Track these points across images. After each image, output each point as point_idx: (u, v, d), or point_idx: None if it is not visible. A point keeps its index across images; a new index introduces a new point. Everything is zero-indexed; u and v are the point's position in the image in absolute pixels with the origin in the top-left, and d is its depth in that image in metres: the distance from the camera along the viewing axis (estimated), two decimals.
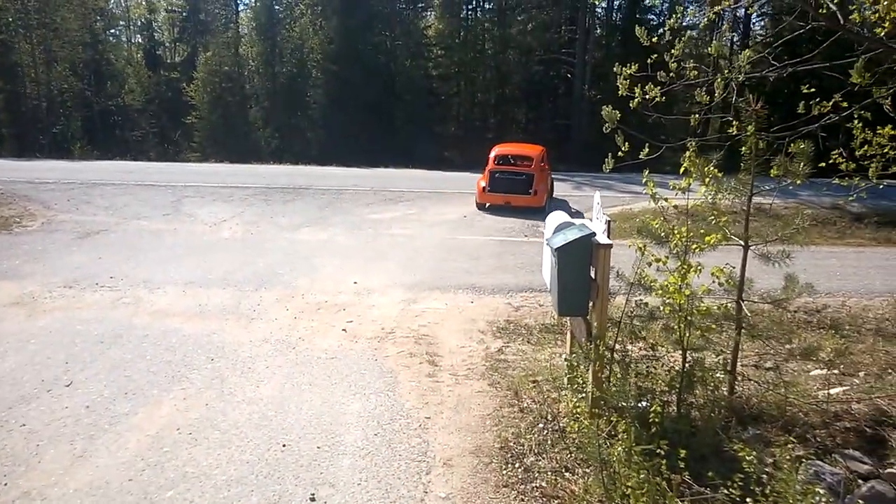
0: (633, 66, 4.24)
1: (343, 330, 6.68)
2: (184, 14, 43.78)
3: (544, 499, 3.75)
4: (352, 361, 5.86)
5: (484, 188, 14.32)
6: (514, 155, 15.27)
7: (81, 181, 16.56)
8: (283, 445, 4.36)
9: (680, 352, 4.33)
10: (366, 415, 4.81)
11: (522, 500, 3.76)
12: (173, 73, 41.82)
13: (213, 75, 35.99)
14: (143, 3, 46.39)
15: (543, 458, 4.17)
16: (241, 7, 44.33)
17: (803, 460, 3.92)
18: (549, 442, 4.34)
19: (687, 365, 4.27)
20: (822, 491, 3.37)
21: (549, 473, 3.98)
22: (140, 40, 47.14)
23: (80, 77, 38.84)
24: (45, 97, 38.08)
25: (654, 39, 4.29)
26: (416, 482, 3.95)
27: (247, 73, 38.38)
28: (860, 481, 3.83)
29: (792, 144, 3.89)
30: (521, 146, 17.57)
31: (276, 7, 38.75)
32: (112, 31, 46.54)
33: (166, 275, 8.69)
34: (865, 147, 4.44)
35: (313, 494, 3.80)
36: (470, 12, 36.87)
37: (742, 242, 4.38)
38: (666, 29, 4.31)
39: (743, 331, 4.52)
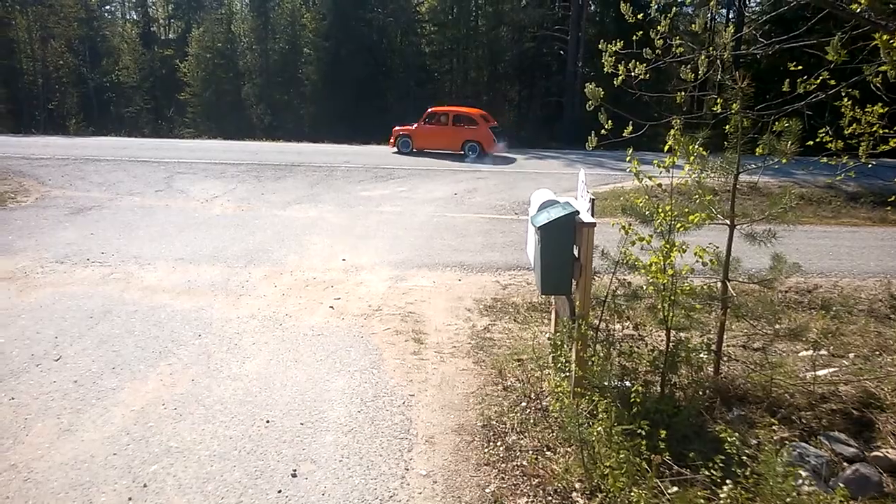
0: (618, 44, 4.18)
1: (330, 307, 6.68)
2: None
3: (524, 477, 3.76)
4: (338, 339, 5.86)
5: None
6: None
7: (76, 157, 16.46)
8: (267, 421, 4.36)
9: (664, 331, 4.33)
10: (350, 392, 4.82)
11: (503, 478, 3.78)
12: (167, 50, 41.51)
13: (206, 52, 35.73)
14: None
15: (525, 437, 4.18)
16: None
17: (787, 442, 3.93)
18: (532, 421, 4.36)
19: (671, 345, 4.27)
20: (804, 473, 3.38)
21: (531, 452, 3.99)
22: (135, 17, 46.57)
23: (75, 54, 38.62)
24: (40, 73, 37.84)
25: (641, 16, 4.22)
26: (398, 459, 3.96)
27: (240, 49, 38.02)
28: (845, 464, 3.83)
29: (777, 123, 3.85)
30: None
31: None
32: (107, 7, 46.12)
33: (157, 251, 8.66)
34: (854, 126, 4.40)
35: (295, 470, 3.81)
36: None
37: (728, 222, 4.36)
38: (652, 6, 4.24)
39: (729, 311, 4.51)
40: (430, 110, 20.48)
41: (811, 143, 4.26)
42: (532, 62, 34.21)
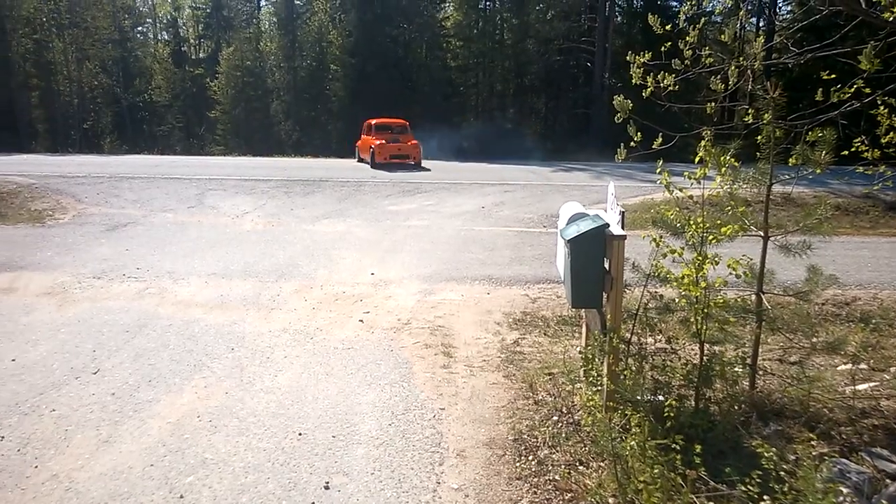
0: (646, 55, 4.17)
1: (360, 321, 6.72)
2: (208, 10, 44.24)
3: (557, 492, 3.73)
4: (368, 352, 5.89)
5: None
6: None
7: (110, 175, 16.85)
8: (300, 434, 4.40)
9: (697, 345, 4.28)
10: (381, 405, 4.84)
11: (535, 492, 3.75)
12: (198, 69, 42.40)
13: (235, 70, 36.42)
14: (169, 1, 46.95)
15: (557, 451, 4.15)
16: (262, 2, 44.66)
17: (827, 458, 3.83)
18: (564, 435, 4.32)
19: (705, 358, 4.21)
20: (845, 490, 3.30)
21: (563, 466, 3.96)
22: (166, 37, 47.73)
23: (109, 74, 39.74)
24: (76, 94, 38.99)
25: (668, 27, 4.21)
26: (429, 473, 3.96)
27: (268, 67, 38.67)
28: (888, 481, 3.72)
29: (811, 132, 3.80)
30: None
31: (297, 2, 38.95)
32: (139, 28, 47.42)
33: (190, 266, 8.82)
34: (891, 135, 4.33)
35: (327, 482, 3.83)
36: (488, 2, 36.67)
37: (761, 233, 4.30)
38: (680, 16, 4.22)
39: (764, 324, 4.44)
40: (375, 122, 22.34)
41: (846, 152, 4.19)
42: (558, 74, 34.23)
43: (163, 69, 41.56)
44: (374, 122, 22.56)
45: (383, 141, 21.04)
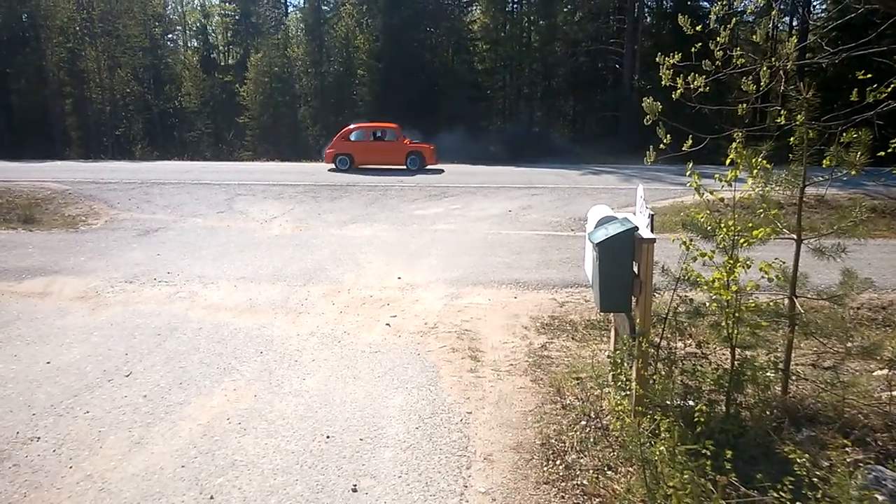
0: (675, 56, 4.13)
1: (387, 324, 6.75)
2: (236, 17, 44.89)
3: (585, 497, 3.71)
4: (395, 355, 5.91)
5: None
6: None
7: (142, 181, 17.16)
8: (327, 437, 4.43)
9: (728, 349, 4.21)
10: (408, 408, 4.85)
11: (563, 497, 3.73)
12: (227, 76, 42.96)
13: (263, 76, 36.84)
14: (198, 8, 47.76)
15: (585, 456, 4.12)
16: (290, 9, 45.19)
17: (862, 465, 3.74)
18: (592, 440, 4.29)
19: (736, 363, 4.15)
20: (881, 497, 3.21)
21: (591, 471, 3.93)
22: (195, 44, 48.50)
23: (140, 81, 40.47)
24: (108, 101, 39.79)
25: (699, 28, 4.16)
26: (457, 476, 3.96)
27: (295, 73, 39.05)
28: None
29: (845, 133, 3.72)
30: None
31: (324, 7, 39.32)
32: (169, 36, 48.15)
33: (219, 270, 8.94)
34: None
35: (355, 485, 3.85)
36: (515, 5, 36.59)
37: (794, 236, 4.22)
38: (711, 17, 4.17)
39: (797, 328, 4.36)
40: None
41: (882, 153, 4.08)
42: (587, 76, 34.00)
43: (192, 76, 42.22)
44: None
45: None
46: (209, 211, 13.67)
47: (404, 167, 20.43)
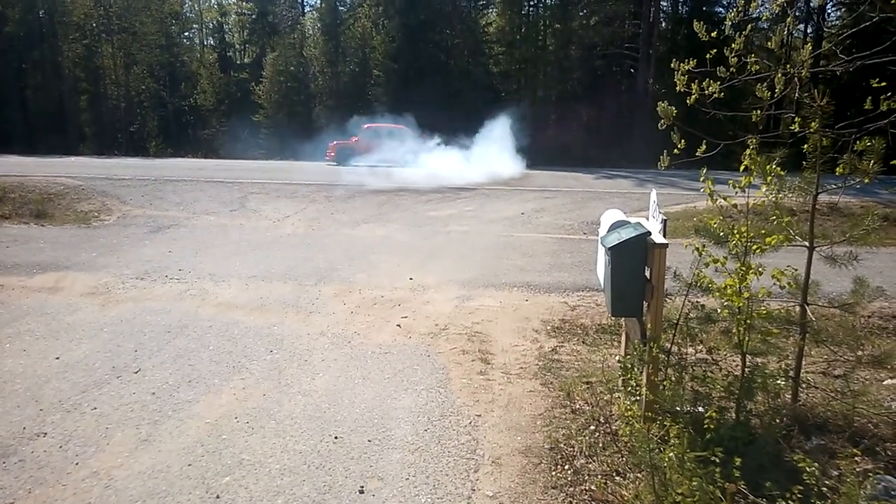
0: (690, 62, 4.11)
1: (397, 325, 6.76)
2: (253, 16, 45.10)
3: (593, 502, 3.69)
4: (405, 357, 5.92)
5: None
6: None
7: (155, 178, 17.29)
8: (336, 437, 4.44)
9: (739, 356, 4.19)
10: (416, 410, 4.85)
11: (571, 502, 3.71)
12: (242, 74, 43.18)
13: (279, 75, 37.01)
14: (215, 6, 48.05)
15: (594, 461, 4.10)
16: (306, 8, 45.37)
17: (871, 474, 3.72)
18: (601, 445, 4.27)
19: (746, 370, 4.12)
20: None
21: (600, 477, 3.92)
22: (212, 43, 48.80)
23: (156, 79, 40.79)
24: (123, 98, 40.16)
25: (714, 34, 4.13)
26: (465, 479, 3.95)
27: (311, 72, 39.21)
28: None
29: (859, 141, 3.69)
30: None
31: (340, 7, 39.45)
32: (186, 34, 48.46)
33: (231, 268, 8.99)
34: None
35: (362, 487, 3.86)
36: (531, 8, 36.57)
37: (806, 243, 4.19)
38: (727, 23, 4.15)
39: (808, 336, 4.32)
40: (367, 126, 24.16)
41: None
42: (601, 80, 33.91)
43: (208, 74, 42.52)
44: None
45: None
46: (222, 209, 13.75)
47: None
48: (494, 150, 21.56)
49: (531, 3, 36.54)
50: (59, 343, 6.21)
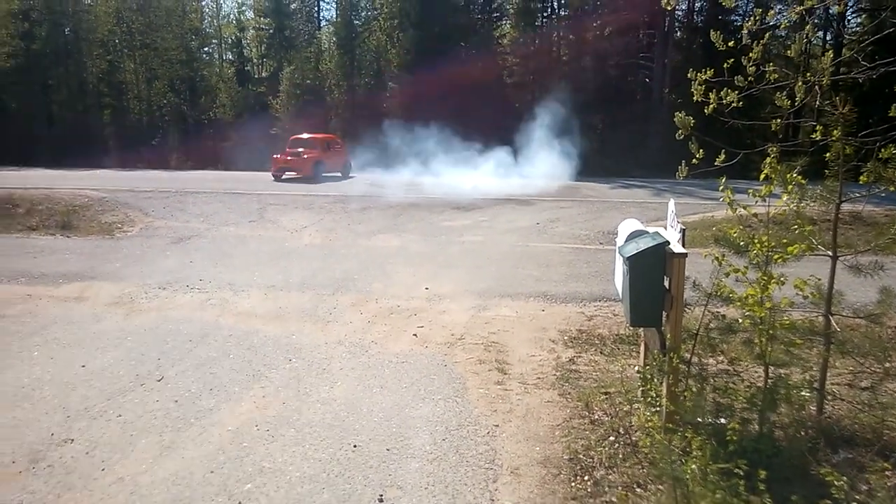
0: (707, 72, 4.10)
1: (414, 335, 6.77)
2: (270, 31, 45.60)
3: None
4: (422, 366, 5.92)
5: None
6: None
7: (176, 190, 17.51)
8: (354, 446, 4.45)
9: (761, 367, 4.14)
10: (434, 419, 4.85)
11: None
12: (260, 88, 43.64)
13: (295, 89, 37.35)
14: (234, 22, 48.72)
15: (614, 473, 4.07)
16: (322, 23, 45.87)
17: None
18: (621, 456, 4.24)
19: (769, 381, 4.08)
20: None
21: (620, 488, 3.88)
22: (230, 57, 49.38)
23: (176, 93, 41.41)
24: (145, 112, 40.80)
25: (731, 43, 4.12)
26: (483, 489, 3.94)
27: (327, 85, 39.55)
28: None
29: (883, 149, 3.65)
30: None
31: (356, 21, 39.83)
32: (205, 49, 49.10)
33: (250, 278, 9.06)
34: None
35: (381, 496, 3.86)
36: (545, 20, 36.66)
37: (829, 253, 4.15)
38: (744, 31, 4.14)
39: (833, 347, 4.27)
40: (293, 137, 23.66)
41: None
42: (616, 90, 33.83)
43: (227, 88, 43.03)
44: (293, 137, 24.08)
45: (278, 155, 22.34)
46: (241, 220, 13.89)
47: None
48: (513, 162, 21.61)
49: (545, 14, 36.65)
50: (84, 351, 6.30)
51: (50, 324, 7.11)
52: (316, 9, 45.43)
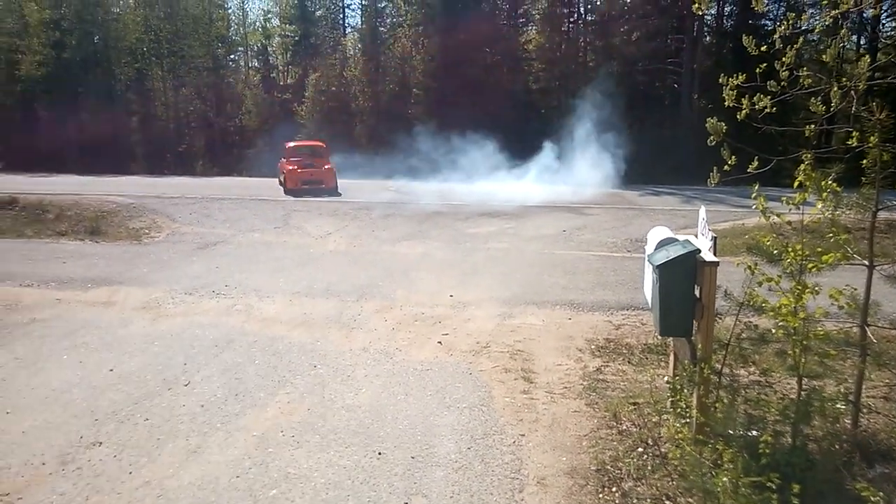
0: (739, 77, 4.03)
1: (438, 342, 6.75)
2: (296, 39, 46.09)
3: None
4: (447, 374, 5.90)
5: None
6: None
7: (202, 196, 17.72)
8: (379, 453, 4.44)
9: (795, 379, 4.05)
10: (459, 428, 4.82)
11: None
12: (285, 95, 44.07)
13: (321, 95, 37.68)
14: (260, 29, 49.33)
15: (642, 484, 4.00)
16: (347, 30, 46.24)
17: None
18: (649, 467, 4.17)
19: (803, 393, 3.98)
20: None
21: (649, 500, 3.82)
22: (256, 65, 50.02)
23: (203, 100, 42.00)
24: (172, 119, 41.46)
25: (764, 48, 4.05)
26: (509, 499, 3.90)
27: (352, 92, 39.81)
28: None
29: None
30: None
31: (381, 28, 40.09)
32: (231, 56, 49.78)
33: (275, 284, 9.12)
34: None
35: (406, 503, 3.84)
36: (571, 25, 36.52)
37: (865, 262, 4.05)
38: (776, 36, 4.06)
39: (868, 359, 4.16)
40: (291, 145, 22.81)
41: None
42: (644, 96, 33.55)
43: (253, 95, 43.55)
44: (290, 144, 22.82)
45: (295, 167, 20.03)
46: (266, 226, 14.00)
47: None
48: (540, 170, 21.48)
49: (571, 19, 36.50)
50: (112, 355, 6.39)
51: (79, 328, 7.22)
52: (341, 16, 45.78)
